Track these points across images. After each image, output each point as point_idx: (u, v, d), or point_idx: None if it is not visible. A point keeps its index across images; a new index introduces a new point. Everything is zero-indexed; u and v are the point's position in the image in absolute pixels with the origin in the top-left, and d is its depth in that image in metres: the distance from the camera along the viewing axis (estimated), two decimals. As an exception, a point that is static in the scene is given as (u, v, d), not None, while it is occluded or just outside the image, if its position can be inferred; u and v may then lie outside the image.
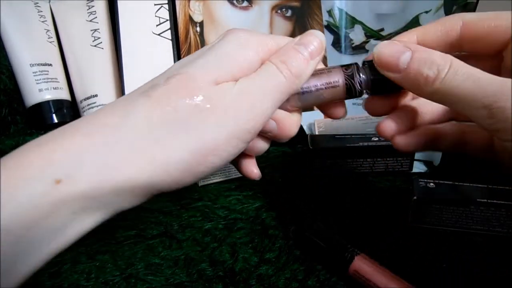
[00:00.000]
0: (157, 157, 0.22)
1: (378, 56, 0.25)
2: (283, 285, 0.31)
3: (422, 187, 0.37)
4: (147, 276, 0.32)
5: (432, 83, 0.23)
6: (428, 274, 0.31)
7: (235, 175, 0.46)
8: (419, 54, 0.23)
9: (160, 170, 0.22)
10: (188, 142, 0.22)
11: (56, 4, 0.55)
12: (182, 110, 0.22)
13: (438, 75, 0.22)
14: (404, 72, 0.24)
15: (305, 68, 0.25)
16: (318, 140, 0.48)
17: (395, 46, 0.24)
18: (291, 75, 0.25)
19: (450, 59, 0.23)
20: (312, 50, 0.26)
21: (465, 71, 0.22)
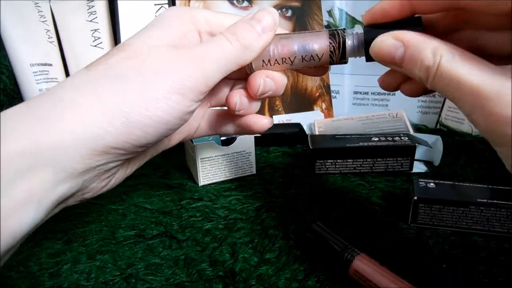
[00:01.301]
0: (95, 109, 0.22)
1: (376, 55, 0.25)
2: (283, 285, 0.31)
3: (422, 187, 0.37)
4: (147, 276, 0.32)
5: (425, 82, 0.23)
6: (428, 274, 0.31)
7: (235, 175, 0.46)
8: (410, 50, 0.23)
9: (102, 123, 0.22)
10: (125, 94, 0.23)
11: (56, 4, 0.55)
12: (118, 65, 0.24)
13: (428, 77, 0.22)
14: (402, 66, 0.24)
15: (256, 40, 0.27)
16: (318, 140, 0.48)
17: (389, 42, 0.24)
18: (240, 45, 0.26)
19: (440, 55, 0.22)
20: (265, 25, 0.27)
21: (449, 73, 0.21)
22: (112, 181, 0.28)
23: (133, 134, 0.23)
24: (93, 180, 0.25)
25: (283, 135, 0.55)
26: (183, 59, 0.25)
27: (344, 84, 0.63)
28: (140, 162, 0.31)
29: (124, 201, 0.42)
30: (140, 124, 0.23)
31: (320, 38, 0.27)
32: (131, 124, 0.23)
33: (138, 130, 0.23)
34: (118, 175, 0.28)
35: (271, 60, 0.28)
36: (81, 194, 0.26)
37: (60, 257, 0.34)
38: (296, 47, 0.27)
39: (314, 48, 0.27)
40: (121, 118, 0.23)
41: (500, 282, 0.30)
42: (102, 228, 0.38)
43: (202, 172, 0.44)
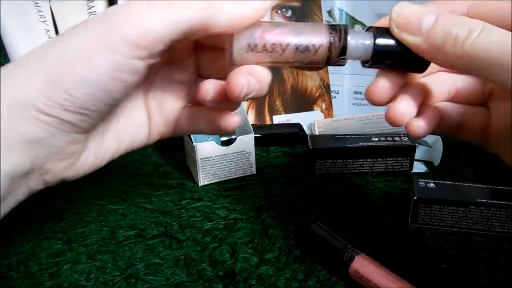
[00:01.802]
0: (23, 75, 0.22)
1: (398, 15, 0.22)
2: (283, 285, 0.31)
3: (422, 187, 0.37)
4: (147, 276, 0.32)
5: (462, 44, 0.20)
6: (428, 274, 0.31)
7: (235, 175, 0.46)
8: (445, 16, 0.21)
9: (28, 87, 0.22)
10: (49, 55, 0.22)
11: (56, 4, 0.55)
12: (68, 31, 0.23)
13: (470, 35, 0.20)
14: (427, 34, 0.21)
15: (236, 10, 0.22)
16: (318, 140, 0.48)
17: (418, 6, 0.22)
18: (201, 3, 0.22)
19: (482, 22, 0.21)
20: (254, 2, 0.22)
21: (499, 31, 0.20)
22: (76, 166, 0.26)
23: (58, 98, 0.22)
24: (47, 158, 0.24)
25: (283, 135, 0.55)
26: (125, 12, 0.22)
27: (344, 84, 0.63)
28: (114, 150, 0.29)
29: (124, 201, 0.42)
30: (61, 85, 0.22)
31: (319, 28, 0.23)
32: (54, 85, 0.22)
33: (61, 92, 0.22)
34: (83, 160, 0.27)
35: (259, 45, 0.23)
36: (39, 174, 0.25)
37: (60, 257, 0.34)
38: (290, 33, 0.23)
39: (312, 37, 0.23)
40: (43, 79, 0.22)
41: (500, 282, 0.30)
42: (102, 228, 0.38)
43: (202, 172, 0.44)
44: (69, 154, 0.25)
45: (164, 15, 0.22)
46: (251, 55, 0.23)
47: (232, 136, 0.46)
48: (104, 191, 0.44)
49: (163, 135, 0.31)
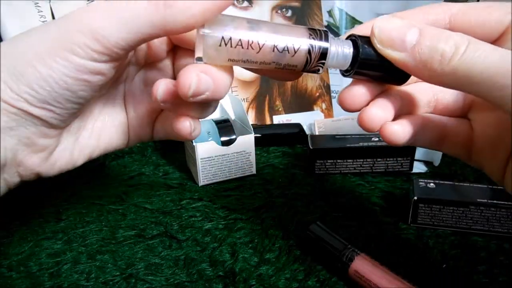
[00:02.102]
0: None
1: (380, 31, 0.21)
2: (283, 285, 0.31)
3: (422, 187, 0.37)
4: (147, 276, 0.32)
5: (449, 60, 0.20)
6: (428, 274, 0.31)
7: (235, 175, 0.46)
8: (429, 30, 0.21)
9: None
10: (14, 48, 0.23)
11: (56, 4, 0.55)
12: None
13: (457, 50, 0.20)
14: (412, 50, 0.21)
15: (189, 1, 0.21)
16: (318, 140, 0.48)
17: (400, 21, 0.21)
18: (151, 3, 0.21)
19: (466, 36, 0.20)
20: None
21: (485, 47, 0.19)
22: (50, 161, 0.26)
23: (22, 91, 0.22)
24: (18, 149, 0.24)
25: (283, 135, 0.55)
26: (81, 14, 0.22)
27: (344, 84, 0.63)
28: (90, 149, 0.28)
29: (124, 201, 0.42)
30: (24, 79, 0.22)
31: (299, 30, 0.22)
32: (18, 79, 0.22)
33: (24, 86, 0.22)
34: (57, 156, 0.26)
35: (233, 41, 0.21)
36: (13, 166, 0.25)
37: (60, 257, 0.34)
38: (268, 31, 0.21)
39: (291, 38, 0.22)
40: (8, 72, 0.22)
41: (500, 282, 0.30)
42: (102, 228, 0.38)
43: (202, 172, 0.44)
44: (41, 148, 0.25)
45: (117, 20, 0.21)
46: (222, 51, 0.21)
47: (232, 136, 0.46)
48: (104, 191, 0.44)
49: (141, 139, 0.30)
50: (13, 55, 0.23)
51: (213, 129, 0.46)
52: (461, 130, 0.26)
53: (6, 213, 0.28)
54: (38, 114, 0.23)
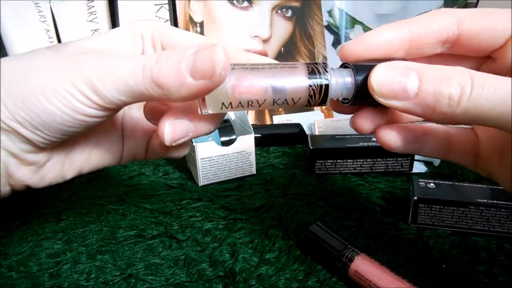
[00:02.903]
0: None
1: (379, 86, 0.21)
2: (283, 285, 0.31)
3: (422, 187, 0.37)
4: (147, 276, 0.32)
5: (458, 102, 0.19)
6: (428, 274, 0.31)
7: (235, 175, 0.46)
8: (428, 74, 0.20)
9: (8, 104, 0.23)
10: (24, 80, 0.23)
11: (56, 4, 0.55)
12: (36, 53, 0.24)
13: (463, 91, 0.19)
14: (416, 97, 0.20)
15: (174, 81, 0.21)
16: (318, 140, 0.48)
17: (396, 69, 0.21)
18: (149, 78, 0.21)
19: (465, 70, 0.19)
20: (198, 69, 0.20)
21: (490, 82, 0.19)
22: (40, 175, 0.27)
23: (17, 115, 0.23)
24: (8, 160, 0.25)
25: (283, 135, 0.55)
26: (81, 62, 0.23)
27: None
28: (81, 164, 0.29)
29: (124, 201, 0.42)
30: (22, 105, 0.23)
31: (297, 76, 0.22)
32: (15, 102, 0.23)
33: (21, 111, 0.23)
34: (47, 170, 0.27)
35: (233, 104, 0.21)
36: (4, 177, 0.25)
37: (60, 257, 0.34)
38: (266, 87, 0.21)
39: (289, 90, 0.22)
40: (6, 93, 0.23)
41: (500, 282, 0.30)
42: (102, 228, 0.38)
43: (202, 172, 0.44)
44: (31, 162, 0.26)
45: (116, 83, 0.22)
46: (225, 110, 0.22)
47: (232, 136, 0.46)
48: (104, 191, 0.44)
49: (135, 158, 0.31)
50: (13, 78, 0.23)
51: (213, 129, 0.46)
52: (466, 138, 0.26)
53: (6, 213, 0.28)
54: (28, 136, 0.24)
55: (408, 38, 0.23)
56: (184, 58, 0.20)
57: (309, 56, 0.60)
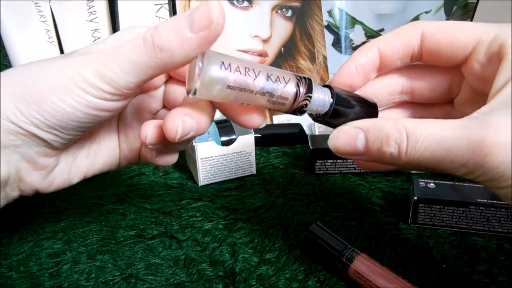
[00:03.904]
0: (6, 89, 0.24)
1: (336, 149, 0.24)
2: (283, 285, 0.31)
3: (422, 187, 0.37)
4: (147, 276, 0.32)
5: (398, 158, 0.21)
6: (428, 274, 0.31)
7: (235, 175, 0.46)
8: (372, 134, 0.22)
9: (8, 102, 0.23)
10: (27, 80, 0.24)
11: (56, 4, 0.55)
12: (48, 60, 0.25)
13: (400, 149, 0.21)
14: (366, 153, 0.23)
15: (177, 41, 0.21)
16: (318, 140, 0.48)
17: (347, 133, 0.23)
18: (152, 46, 0.22)
19: (403, 126, 0.21)
20: (195, 22, 0.21)
21: (424, 135, 0.21)
22: (49, 180, 0.28)
23: (32, 116, 0.23)
24: (21, 165, 0.26)
25: (283, 135, 0.55)
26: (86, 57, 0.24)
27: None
28: (86, 169, 0.30)
29: (124, 201, 0.42)
30: (36, 107, 0.23)
31: (286, 73, 0.24)
32: (30, 105, 0.23)
33: (36, 113, 0.23)
34: (55, 174, 0.28)
35: (232, 66, 0.22)
36: (15, 182, 0.26)
37: (60, 257, 0.34)
38: (259, 65, 0.23)
39: (281, 71, 0.23)
40: (20, 97, 0.23)
41: (500, 282, 0.30)
42: (102, 228, 0.38)
43: (202, 172, 0.44)
44: (42, 166, 0.27)
45: (123, 65, 0.23)
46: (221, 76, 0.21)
47: (232, 136, 0.46)
48: (104, 191, 0.44)
49: (130, 161, 0.32)
50: (24, 84, 0.24)
51: (213, 129, 0.46)
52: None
53: (6, 213, 0.28)
54: (44, 137, 0.25)
55: (377, 57, 0.26)
56: (181, 18, 0.22)
57: (309, 56, 0.60)
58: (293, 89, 0.23)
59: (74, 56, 0.24)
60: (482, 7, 0.53)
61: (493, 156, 0.19)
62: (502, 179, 0.19)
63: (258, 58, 0.59)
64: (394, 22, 0.60)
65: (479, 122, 0.20)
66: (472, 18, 0.55)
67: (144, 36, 0.22)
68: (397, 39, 0.26)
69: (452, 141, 0.20)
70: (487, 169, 0.19)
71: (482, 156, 0.19)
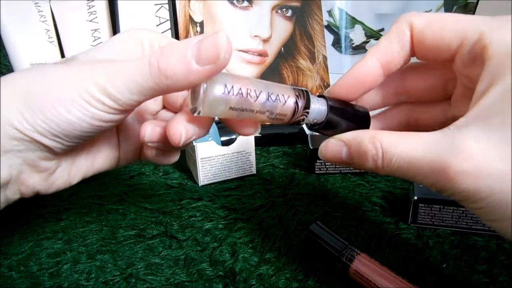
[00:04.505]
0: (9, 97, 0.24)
1: (325, 159, 0.25)
2: (283, 285, 0.31)
3: (422, 187, 0.37)
4: (147, 276, 0.32)
5: (377, 170, 0.23)
6: (428, 274, 0.31)
7: (235, 175, 0.46)
8: (353, 148, 0.24)
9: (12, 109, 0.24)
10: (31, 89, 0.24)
11: (56, 4, 0.55)
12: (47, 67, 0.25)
13: (377, 165, 0.22)
14: (352, 164, 0.24)
15: (181, 70, 0.22)
16: (318, 140, 0.48)
17: (333, 145, 0.25)
18: (157, 72, 0.22)
19: (380, 143, 0.22)
20: (203, 55, 0.22)
21: (396, 155, 0.21)
22: (49, 181, 0.28)
23: (37, 124, 0.24)
24: (23, 169, 0.26)
25: (283, 135, 0.55)
26: (92, 70, 0.24)
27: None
28: (85, 170, 0.30)
29: (124, 201, 0.42)
30: (42, 115, 0.24)
31: (286, 89, 0.25)
32: (35, 113, 0.24)
33: (40, 121, 0.24)
34: (56, 176, 0.28)
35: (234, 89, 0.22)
36: (15, 184, 0.26)
37: (60, 257, 0.34)
38: (260, 83, 0.24)
39: (281, 89, 0.25)
40: (25, 105, 0.24)
41: (500, 282, 0.30)
42: (102, 228, 0.38)
43: (202, 172, 0.44)
44: (44, 169, 0.27)
45: (127, 84, 0.23)
46: (223, 99, 0.22)
47: (232, 136, 0.46)
48: (104, 191, 0.44)
49: (129, 161, 0.32)
50: (30, 91, 0.24)
51: (213, 129, 0.46)
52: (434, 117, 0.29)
53: (6, 213, 0.28)
54: (47, 143, 0.25)
55: (377, 70, 0.26)
56: (189, 47, 0.22)
57: (309, 56, 0.60)
58: (291, 106, 0.25)
59: (79, 65, 0.25)
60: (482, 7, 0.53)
61: (457, 182, 0.19)
62: (469, 202, 0.20)
63: (258, 58, 0.59)
64: (394, 22, 0.60)
65: (447, 145, 0.20)
66: (472, 18, 0.55)
67: (150, 61, 0.22)
68: (391, 44, 0.26)
69: (419, 164, 0.21)
70: (454, 191, 0.20)
71: (447, 181, 0.20)
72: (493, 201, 0.19)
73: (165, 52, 0.22)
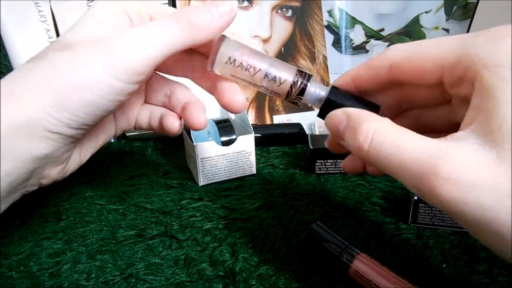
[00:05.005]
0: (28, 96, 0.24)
1: (327, 126, 0.26)
2: (283, 285, 0.31)
3: (422, 187, 0.37)
4: (147, 276, 0.32)
5: (362, 152, 0.22)
6: (428, 274, 0.31)
7: (235, 175, 0.46)
8: (352, 122, 0.24)
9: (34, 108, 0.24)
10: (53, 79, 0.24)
11: (56, 4, 0.55)
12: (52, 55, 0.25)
13: (362, 145, 0.22)
14: (344, 141, 0.24)
15: (210, 20, 0.26)
16: (318, 140, 0.48)
17: (336, 117, 0.25)
18: (188, 24, 0.26)
19: (373, 128, 0.22)
20: (221, 9, 0.26)
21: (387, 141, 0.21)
22: (67, 168, 0.29)
23: (64, 118, 0.24)
24: (47, 166, 0.27)
25: (283, 135, 0.55)
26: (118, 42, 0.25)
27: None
28: (93, 148, 0.32)
29: (124, 201, 0.42)
30: (68, 107, 0.24)
31: (289, 68, 0.27)
32: (61, 107, 0.24)
33: (68, 113, 0.24)
34: (72, 161, 0.29)
35: (237, 61, 0.27)
36: (37, 179, 0.27)
37: (60, 257, 0.34)
38: (264, 62, 0.27)
39: (281, 72, 0.27)
40: (51, 102, 0.24)
41: (500, 282, 0.30)
42: (102, 228, 0.38)
43: (202, 172, 0.44)
44: (63, 160, 0.28)
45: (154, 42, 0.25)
46: (228, 67, 0.27)
47: (232, 136, 0.46)
48: (104, 191, 0.44)
49: (124, 130, 0.34)
50: (58, 84, 0.24)
51: (213, 129, 0.46)
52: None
53: (6, 213, 0.28)
54: (73, 134, 0.26)
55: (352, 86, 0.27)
56: (208, 4, 0.26)
57: (309, 56, 0.60)
58: (286, 89, 0.27)
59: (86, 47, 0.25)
60: (482, 7, 0.53)
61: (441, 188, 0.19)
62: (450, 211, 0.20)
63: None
64: (394, 22, 0.60)
65: (440, 150, 0.20)
66: (472, 18, 0.55)
67: (176, 18, 0.26)
68: (366, 71, 0.26)
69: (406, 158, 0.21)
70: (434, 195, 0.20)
71: (431, 185, 0.20)
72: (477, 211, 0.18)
73: (187, 11, 0.26)
